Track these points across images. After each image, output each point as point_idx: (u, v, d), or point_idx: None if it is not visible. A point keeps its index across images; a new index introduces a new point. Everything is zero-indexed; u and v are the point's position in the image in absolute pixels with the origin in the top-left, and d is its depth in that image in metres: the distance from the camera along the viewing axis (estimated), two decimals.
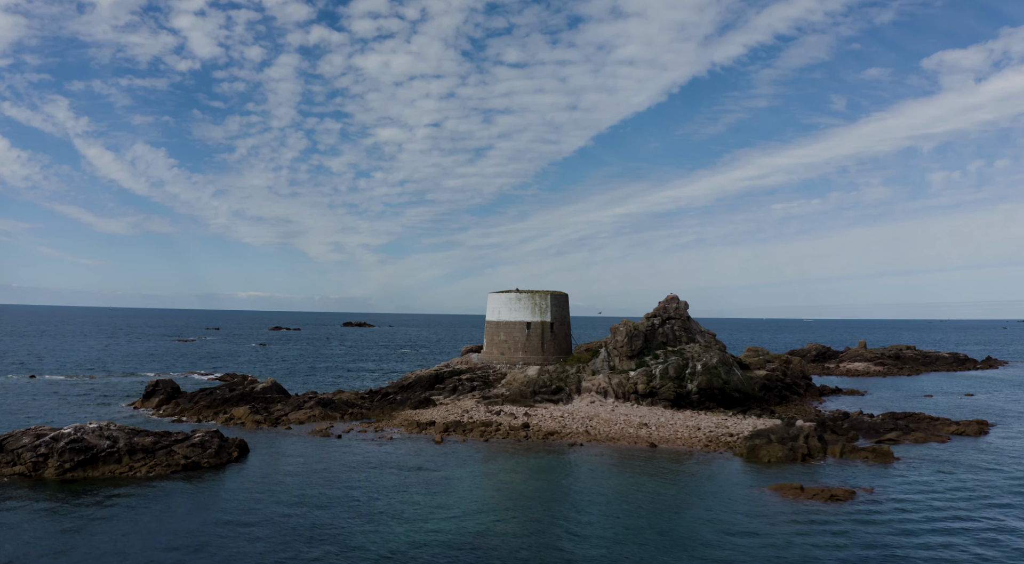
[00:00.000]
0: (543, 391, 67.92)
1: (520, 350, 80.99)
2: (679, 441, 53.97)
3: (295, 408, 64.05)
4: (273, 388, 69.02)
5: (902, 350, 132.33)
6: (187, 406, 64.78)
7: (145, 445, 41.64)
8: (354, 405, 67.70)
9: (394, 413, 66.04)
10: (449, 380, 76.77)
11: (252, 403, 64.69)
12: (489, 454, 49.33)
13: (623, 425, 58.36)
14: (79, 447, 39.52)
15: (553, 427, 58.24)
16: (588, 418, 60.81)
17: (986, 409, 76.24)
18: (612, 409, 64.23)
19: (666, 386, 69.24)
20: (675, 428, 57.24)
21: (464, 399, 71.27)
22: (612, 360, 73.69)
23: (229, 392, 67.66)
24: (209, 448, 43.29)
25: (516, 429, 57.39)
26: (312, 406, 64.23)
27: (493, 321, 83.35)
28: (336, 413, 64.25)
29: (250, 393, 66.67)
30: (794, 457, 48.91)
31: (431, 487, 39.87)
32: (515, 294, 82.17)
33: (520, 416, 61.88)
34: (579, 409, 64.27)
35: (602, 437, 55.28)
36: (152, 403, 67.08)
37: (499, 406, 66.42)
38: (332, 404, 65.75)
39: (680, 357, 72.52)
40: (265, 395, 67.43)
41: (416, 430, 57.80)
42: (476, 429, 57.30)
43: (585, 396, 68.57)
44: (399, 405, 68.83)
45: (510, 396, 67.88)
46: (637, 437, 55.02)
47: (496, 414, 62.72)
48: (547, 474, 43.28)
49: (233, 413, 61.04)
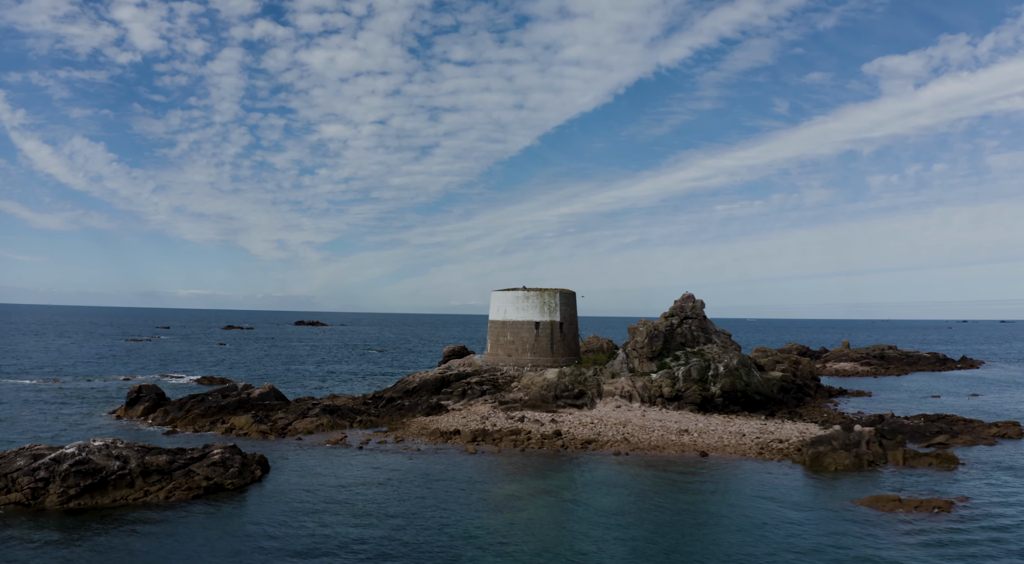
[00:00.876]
0: (565, 395, 63.86)
1: (528, 351, 76.73)
2: (728, 449, 50.59)
3: (299, 416, 58.54)
4: (271, 394, 63.26)
5: (885, 350, 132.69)
6: (178, 415, 58.59)
7: (160, 465, 36.05)
8: (361, 411, 62.51)
9: (406, 420, 61.10)
10: (456, 384, 72.07)
11: (252, 411, 58.88)
12: (534, 466, 45.02)
13: (661, 431, 54.72)
14: (86, 470, 33.77)
15: (587, 435, 54.22)
16: (620, 424, 57.00)
17: (1001, 410, 75.31)
18: (642, 414, 60.57)
19: (691, 389, 66.01)
20: (719, 434, 53.86)
21: (476, 404, 66.74)
22: (631, 362, 70.10)
23: (223, 398, 61.62)
24: (231, 467, 37.90)
25: (548, 437, 53.18)
26: (318, 414, 58.82)
27: (499, 321, 78.88)
28: (344, 421, 59.00)
29: (248, 400, 60.80)
30: (859, 464, 46.00)
31: (496, 505, 35.41)
32: (522, 292, 77.88)
33: (546, 423, 57.70)
34: (607, 415, 60.41)
35: (644, 445, 51.51)
36: (137, 411, 60.61)
37: (519, 412, 62.11)
38: (339, 411, 60.44)
39: (701, 358, 69.41)
40: (263, 402, 61.66)
41: (440, 439, 53.06)
42: (505, 438, 52.89)
43: (608, 400, 64.80)
44: (408, 411, 63.90)
45: (530, 401, 63.62)
46: (682, 445, 51.45)
47: (519, 420, 58.38)
48: (613, 489, 39.22)
49: (233, 423, 55.22)
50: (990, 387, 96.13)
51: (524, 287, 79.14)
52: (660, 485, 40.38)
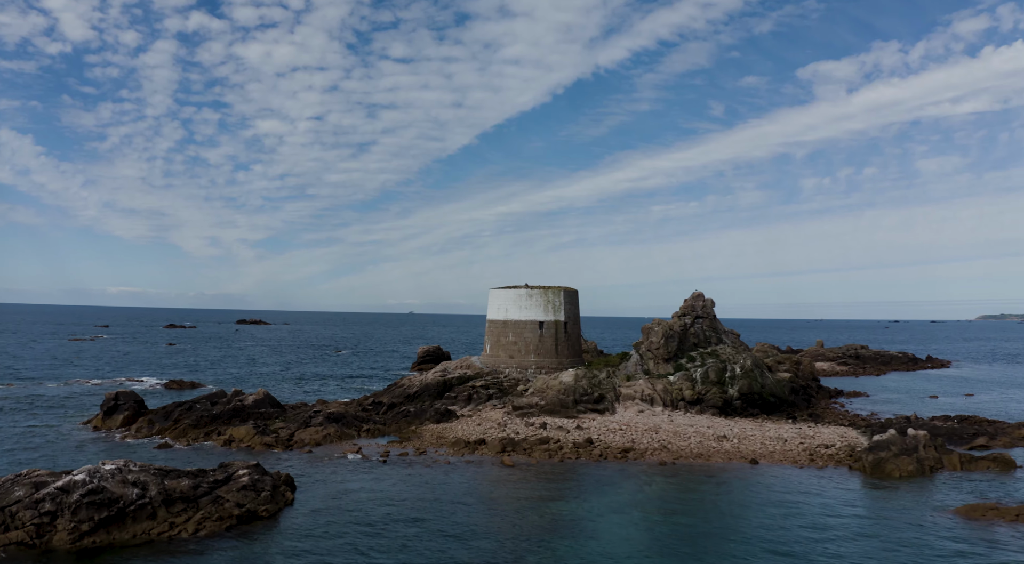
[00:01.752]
0: (584, 400, 60.20)
1: (532, 352, 72.79)
2: (775, 455, 47.77)
3: (302, 425, 53.24)
4: (266, 401, 57.63)
5: (859, 350, 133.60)
6: (165, 425, 52.52)
7: (183, 491, 30.81)
8: (367, 420, 57.53)
9: (416, 428, 56.46)
10: (459, 388, 67.62)
11: (249, 420, 53.28)
12: (583, 479, 41.16)
13: (698, 438, 51.57)
14: (100, 500, 28.34)
15: (621, 442, 50.65)
16: (651, 430, 53.63)
17: (1007, 410, 75.09)
18: (669, 419, 57.38)
19: (711, 392, 63.23)
20: (759, 440, 51.02)
21: (486, 410, 62.50)
22: (645, 363, 66.92)
23: (212, 406, 55.72)
24: (263, 490, 32.88)
25: (581, 446, 49.40)
26: (322, 422, 53.63)
27: (499, 320, 74.69)
28: (351, 430, 54.01)
29: (243, 408, 55.09)
30: (922, 470, 43.76)
31: (574, 530, 31.44)
32: (525, 290, 73.88)
33: (571, 430, 53.91)
34: (633, 420, 56.99)
35: (687, 453, 48.24)
36: (116, 421, 54.23)
37: (536, 418, 58.14)
38: (343, 419, 55.36)
39: (717, 360, 66.73)
40: (258, 409, 56.04)
41: (466, 450, 48.66)
42: (536, 447, 48.87)
43: (629, 404, 61.44)
44: (415, 418, 59.22)
45: (547, 406, 59.73)
46: (727, 452, 48.37)
47: (541, 427, 54.42)
48: (687, 503, 35.71)
49: (232, 434, 49.61)
50: (979, 387, 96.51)
51: (527, 285, 75.18)
52: (734, 497, 37.05)
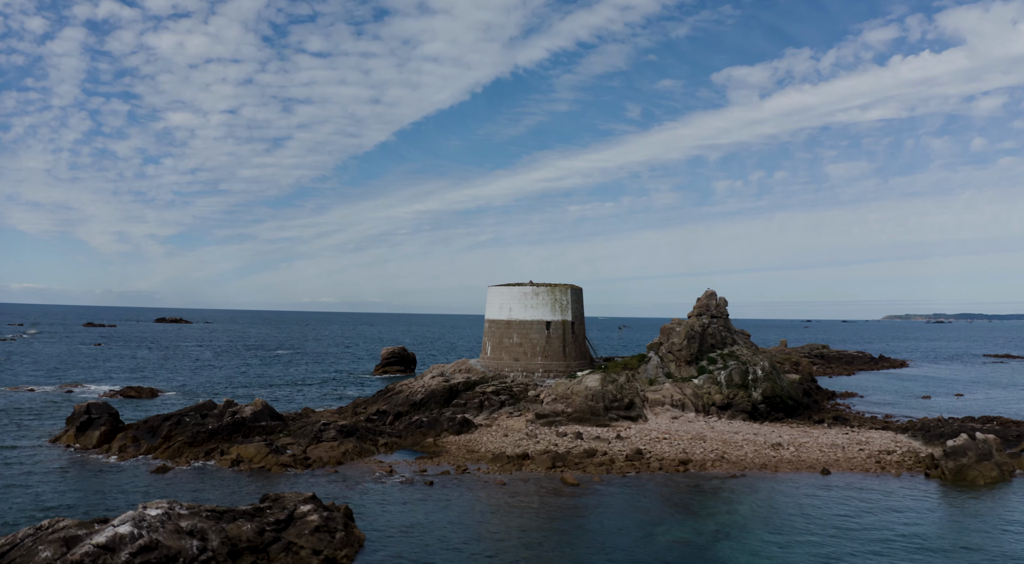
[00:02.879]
0: (615, 406, 55.91)
1: (539, 355, 68.02)
2: (842, 464, 44.77)
3: (313, 440, 46.90)
4: (266, 413, 50.80)
5: (821, 350, 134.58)
6: (154, 443, 45.17)
7: (249, 538, 24.73)
8: (380, 432, 51.58)
9: (436, 440, 50.98)
10: (467, 394, 62.23)
11: (254, 436, 46.51)
12: (671, 496, 36.86)
13: (750, 446, 48.13)
14: (156, 559, 22.03)
15: (674, 453, 46.64)
16: (697, 439, 49.86)
17: (1007, 410, 75.20)
18: (709, 426, 53.76)
19: (739, 396, 60.12)
20: (815, 447, 47.95)
21: (503, 418, 57.45)
22: (667, 366, 63.25)
23: (201, 418, 48.53)
24: (336, 530, 27.07)
25: (633, 458, 45.11)
26: (335, 436, 47.43)
27: (502, 320, 69.55)
28: (369, 445, 48.04)
29: (243, 422, 48.16)
30: (1003, 476, 41.52)
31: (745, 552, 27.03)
32: (531, 288, 69.03)
33: (611, 440, 49.57)
34: (674, 428, 53.09)
35: (749, 463, 44.69)
36: (92, 438, 46.44)
37: (564, 426, 53.54)
38: (357, 433, 49.29)
39: (739, 362, 63.75)
40: (258, 423, 49.23)
41: (511, 466, 43.53)
42: (586, 462, 44.25)
43: (659, 411, 57.57)
44: (430, 429, 53.62)
45: (575, 414, 55.15)
46: (791, 461, 45.07)
47: (577, 437, 49.85)
48: (811, 522, 31.86)
49: (240, 453, 42.87)
50: (961, 387, 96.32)
51: (531, 282, 70.33)
52: (849, 511, 33.45)
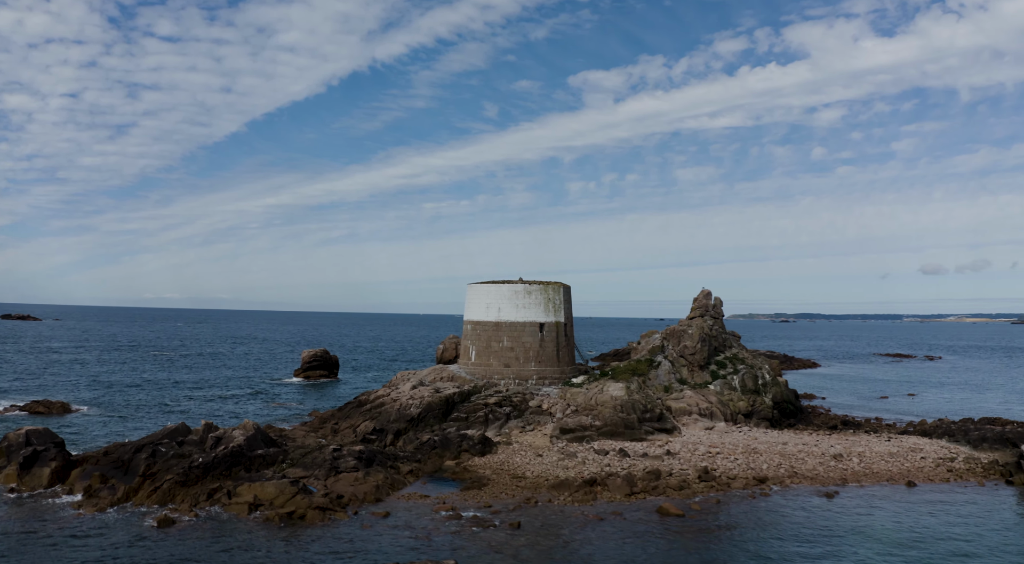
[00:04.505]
0: (648, 418, 50.84)
1: (533, 360, 61.81)
2: (917, 474, 42.26)
3: (331, 472, 38.39)
4: (258, 437, 41.32)
5: None
6: (129, 482, 34.86)
7: None
8: (397, 457, 43.64)
9: (464, 465, 43.87)
10: (465, 407, 55.07)
11: (262, 469, 37.27)
12: (809, 519, 32.23)
13: (811, 458, 44.82)
14: None
15: (739, 470, 42.33)
16: (749, 452, 45.92)
17: (968, 409, 77.37)
18: (751, 436, 49.95)
19: (759, 402, 57.05)
20: (875, 457, 45.28)
21: (515, 433, 50.93)
22: (678, 370, 59.08)
23: (178, 446, 38.46)
24: None
25: (704, 478, 40.30)
26: (355, 466, 39.16)
27: (489, 322, 62.69)
28: (395, 473, 40.17)
29: (239, 452, 38.58)
30: None
31: None
32: (522, 286, 62.67)
33: (660, 457, 44.59)
34: (717, 440, 48.84)
35: (826, 478, 41.40)
36: (42, 477, 35.50)
37: (595, 442, 47.97)
38: (376, 459, 41.19)
39: (747, 366, 60.82)
40: (253, 451, 39.81)
41: (582, 495, 37.29)
42: (659, 485, 38.92)
43: (686, 420, 53.24)
44: (444, 449, 46.34)
45: (605, 428, 49.62)
46: (874, 473, 42.30)
47: (620, 454, 44.46)
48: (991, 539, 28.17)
49: (257, 494, 33.76)
50: (897, 387, 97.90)
51: (521, 279, 63.98)
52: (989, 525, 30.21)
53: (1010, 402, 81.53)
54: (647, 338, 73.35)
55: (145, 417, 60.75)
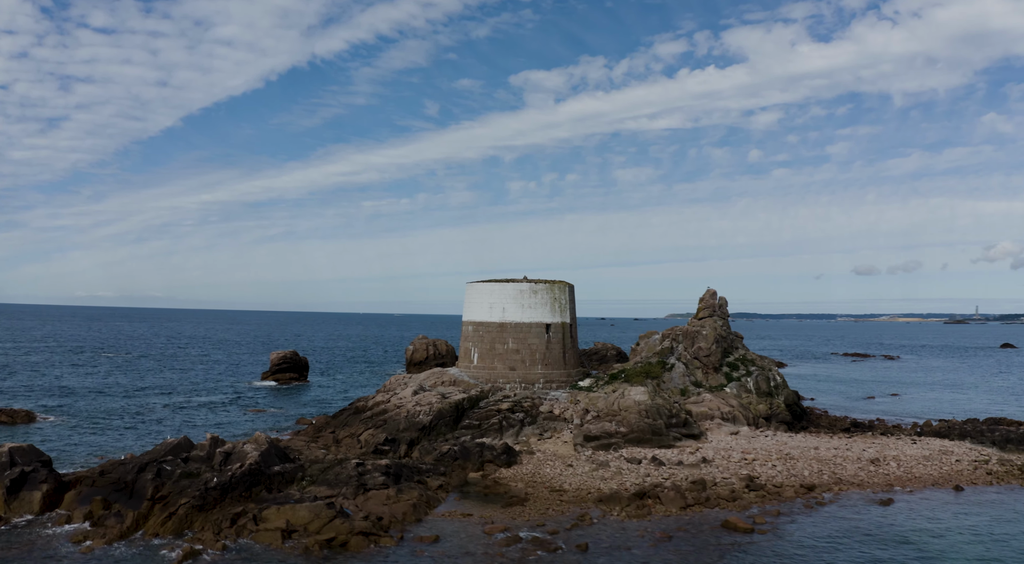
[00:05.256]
0: (674, 424, 48.64)
1: (539, 363, 59.02)
2: (958, 478, 41.17)
3: (359, 489, 34.91)
4: (272, 451, 37.42)
5: None
6: (137, 508, 30.69)
7: None
8: (421, 470, 40.33)
9: (491, 477, 40.87)
10: (476, 413, 51.98)
11: (284, 488, 33.52)
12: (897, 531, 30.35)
13: (849, 464, 43.44)
14: None
15: (783, 478, 40.55)
16: (784, 458, 44.25)
17: (959, 409, 77.91)
18: (783, 441, 48.27)
19: (775, 405, 55.59)
20: (912, 461, 44.14)
21: (532, 440, 48.17)
22: (692, 372, 57.16)
23: (183, 461, 34.35)
24: None
25: (753, 488, 38.33)
26: (384, 482, 35.78)
27: (493, 322, 59.65)
28: (428, 490, 36.91)
29: (257, 470, 34.67)
30: None
31: None
32: (528, 285, 59.81)
33: (695, 465, 42.48)
34: (747, 446, 47.01)
35: (870, 483, 40.22)
36: (32, 503, 31.07)
37: (623, 449, 45.59)
38: (404, 473, 37.85)
39: (759, 368, 59.39)
40: (269, 467, 35.95)
41: (634, 509, 34.79)
42: (708, 495, 36.73)
43: (709, 425, 51.28)
44: (466, 460, 43.34)
45: (632, 434, 47.22)
46: (912, 478, 41.00)
47: (653, 463, 42.20)
48: None
49: (289, 519, 30.09)
50: (877, 387, 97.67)
51: (525, 278, 61.12)
52: None
53: (997, 402, 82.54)
54: (646, 339, 71.47)
55: (120, 427, 55.68)
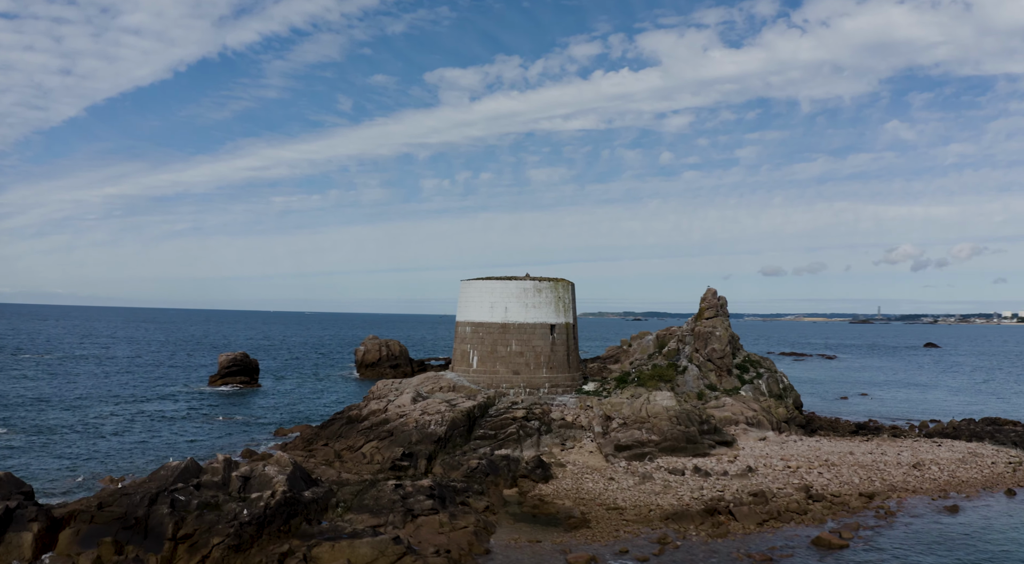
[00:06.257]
0: (707, 431, 46.16)
1: (544, 366, 55.59)
2: (1005, 481, 40.76)
3: (407, 516, 30.69)
4: (299, 474, 32.53)
5: None
6: (158, 550, 25.48)
7: None
8: (458, 489, 36.28)
9: (531, 495, 37.29)
10: (489, 422, 48.12)
11: (321, 516, 28.84)
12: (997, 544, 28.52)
13: (895, 469, 42.09)
14: None
15: (836, 487, 38.72)
16: (826, 465, 42.50)
17: (935, 409, 79.00)
18: (816, 446, 46.58)
19: (791, 408, 54.14)
20: (951, 464, 43.13)
21: (555, 451, 44.82)
22: (706, 375, 55.03)
23: (195, 489, 29.21)
24: None
25: (815, 498, 36.31)
26: (433, 506, 31.66)
27: (495, 323, 55.81)
28: (477, 513, 32.97)
29: (295, 499, 29.81)
30: None
31: None
32: (532, 283, 56.27)
33: (743, 474, 40.14)
34: (783, 452, 44.99)
35: (926, 489, 39.17)
36: (23, 545, 25.63)
37: (658, 459, 42.81)
38: (447, 494, 33.79)
39: (768, 371, 57.96)
40: (298, 493, 31.12)
41: (708, 527, 31.96)
42: (786, 512, 34.37)
43: (735, 430, 49.12)
44: (496, 475, 39.59)
45: (665, 443, 44.44)
46: (962, 483, 40.06)
47: (699, 474, 39.67)
48: None
49: (350, 559, 25.60)
50: (849, 387, 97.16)
51: (528, 275, 57.56)
52: None
53: (972, 402, 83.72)
54: (638, 340, 69.26)
55: (80, 442, 48.98)
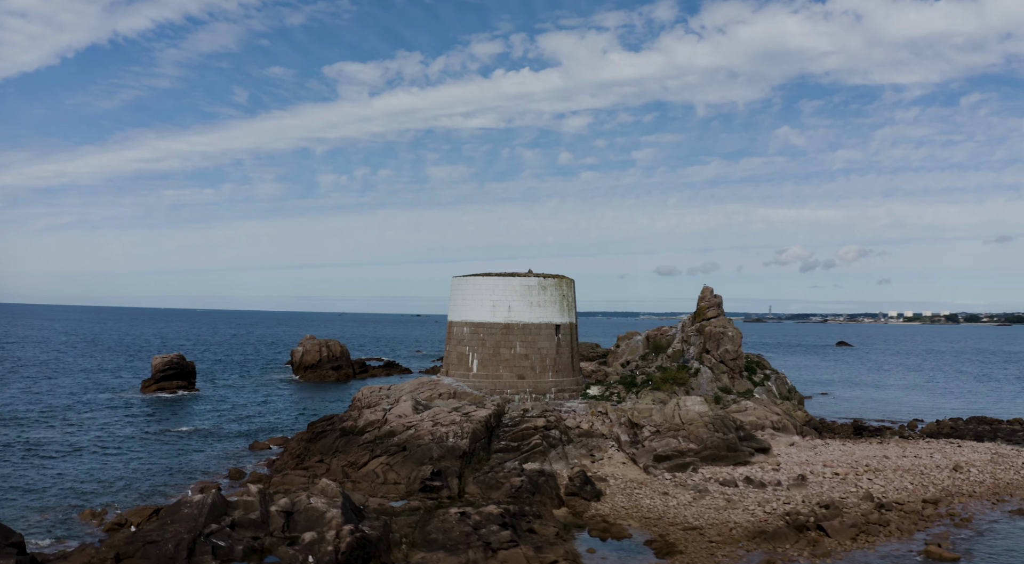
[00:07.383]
0: (744, 438, 43.97)
1: (550, 369, 52.16)
2: None
3: (486, 551, 26.70)
4: (348, 505, 27.74)
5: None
6: None
7: None
8: (516, 514, 32.40)
9: (597, 515, 34.01)
10: (508, 432, 44.35)
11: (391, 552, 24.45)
12: None
13: (937, 473, 41.22)
14: None
15: (889, 493, 37.47)
16: (870, 470, 41.27)
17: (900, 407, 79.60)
18: (849, 451, 45.34)
19: (802, 411, 53.02)
20: (984, 465, 42.75)
21: (585, 463, 41.70)
22: (719, 378, 53.11)
23: (230, 529, 24.20)
24: None
25: (888, 507, 34.76)
26: (511, 538, 27.80)
27: (497, 323, 51.93)
28: (550, 540, 29.34)
29: (367, 541, 25.11)
30: None
31: None
32: (536, 280, 52.69)
33: (796, 483, 38.24)
34: (825, 457, 43.43)
35: (982, 493, 38.41)
36: None
37: (700, 469, 40.37)
38: (516, 522, 29.95)
39: (773, 372, 56.79)
40: (367, 535, 26.41)
41: (794, 548, 29.72)
42: (872, 526, 32.52)
43: (766, 437, 47.29)
44: (541, 495, 36.03)
45: (705, 451, 41.98)
46: (1006, 486, 39.31)
47: (751, 484, 37.55)
48: None
49: None
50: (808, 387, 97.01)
51: (530, 271, 53.93)
52: None
53: (940, 404, 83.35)
54: (626, 341, 67.08)
55: (28, 470, 41.69)
